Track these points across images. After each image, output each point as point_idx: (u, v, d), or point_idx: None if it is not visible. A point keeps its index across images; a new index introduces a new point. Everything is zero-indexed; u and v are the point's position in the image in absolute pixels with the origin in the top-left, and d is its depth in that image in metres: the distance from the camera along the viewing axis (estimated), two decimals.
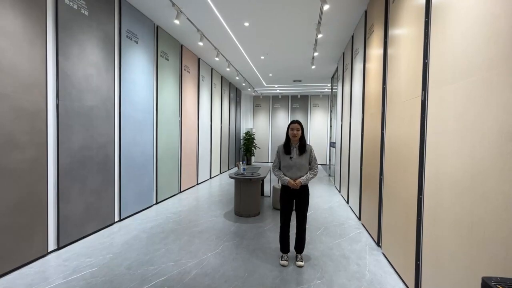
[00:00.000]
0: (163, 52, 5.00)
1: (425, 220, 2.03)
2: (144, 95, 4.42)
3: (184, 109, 5.92)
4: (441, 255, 1.79)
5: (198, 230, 3.61)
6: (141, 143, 4.37)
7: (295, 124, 2.72)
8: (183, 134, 5.92)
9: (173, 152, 5.50)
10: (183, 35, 5.31)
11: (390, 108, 2.86)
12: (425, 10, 2.10)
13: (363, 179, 4.03)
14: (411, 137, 2.29)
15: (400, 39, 2.62)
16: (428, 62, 2.05)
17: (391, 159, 2.79)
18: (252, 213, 4.25)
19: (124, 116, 3.92)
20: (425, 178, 2.05)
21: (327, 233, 3.61)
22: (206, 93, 7.36)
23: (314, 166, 2.71)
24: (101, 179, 3.50)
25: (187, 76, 6.10)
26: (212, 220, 4.03)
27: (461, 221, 1.57)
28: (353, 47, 4.94)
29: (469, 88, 1.52)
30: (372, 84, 3.60)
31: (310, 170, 2.71)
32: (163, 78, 5.02)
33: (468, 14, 1.54)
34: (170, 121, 5.32)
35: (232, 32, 5.17)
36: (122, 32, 3.85)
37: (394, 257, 2.64)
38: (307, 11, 4.21)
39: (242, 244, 3.17)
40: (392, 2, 2.87)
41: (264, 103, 12.76)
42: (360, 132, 4.14)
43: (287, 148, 2.75)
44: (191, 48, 6.09)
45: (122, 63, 3.85)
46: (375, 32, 3.51)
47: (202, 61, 6.92)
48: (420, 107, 2.13)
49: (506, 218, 1.24)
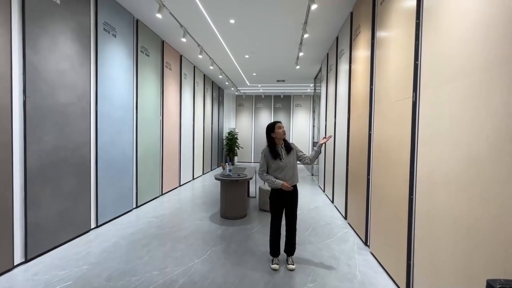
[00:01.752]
0: (144, 48, 4.74)
1: (417, 220, 2.05)
2: (123, 92, 4.15)
3: (165, 107, 5.68)
4: (436, 255, 1.80)
5: (183, 235, 3.44)
6: (120, 143, 4.10)
7: (280, 123, 2.71)
8: (165, 134, 5.67)
9: (154, 153, 5.25)
10: (165, 31, 5.08)
11: (378, 109, 2.88)
12: (416, 12, 2.11)
13: (349, 179, 4.07)
14: (401, 137, 2.31)
15: (389, 41, 2.65)
16: (419, 63, 2.07)
17: (380, 160, 2.81)
18: (238, 215, 4.14)
19: (101, 114, 3.65)
20: (417, 179, 2.07)
21: (315, 233, 3.60)
22: (189, 91, 7.13)
23: (304, 154, 2.78)
24: (76, 182, 3.23)
25: (169, 73, 5.85)
26: (197, 224, 3.87)
27: (458, 221, 1.59)
28: (338, 48, 4.99)
29: (466, 89, 1.53)
30: (358, 85, 3.64)
31: (307, 156, 2.74)
32: (143, 75, 4.76)
33: (465, 15, 1.55)
34: (151, 120, 5.07)
35: (216, 29, 5.02)
36: (99, 25, 3.58)
37: (384, 257, 2.67)
38: (294, 10, 4.17)
39: (230, 248, 3.06)
40: (380, 4, 2.89)
41: (247, 103, 12.67)
42: (346, 132, 4.18)
43: (274, 150, 2.66)
44: (173, 45, 5.86)
45: (98, 57, 3.58)
46: (361, 33, 3.54)
47: (184, 58, 6.68)
48: (411, 108, 2.15)
49: (506, 219, 1.25)
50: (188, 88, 7.09)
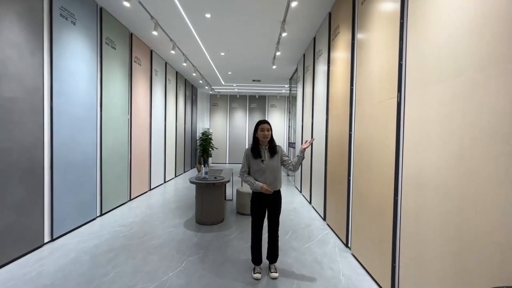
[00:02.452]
0: (109, 40, 4.31)
1: (403, 222, 2.02)
2: (84, 88, 3.71)
3: (134, 105, 5.24)
4: (423, 258, 1.77)
5: (155, 244, 3.14)
6: (82, 144, 3.66)
7: (265, 124, 2.52)
8: (134, 134, 5.24)
9: (122, 154, 4.81)
10: (133, 22, 4.68)
11: (360, 110, 2.86)
12: (400, 12, 2.09)
13: (328, 180, 4.05)
14: (385, 138, 2.29)
15: (371, 41, 2.63)
16: (404, 63, 2.05)
17: (362, 160, 2.79)
18: (215, 221, 3.92)
19: (57, 111, 3.20)
20: (403, 179, 2.04)
21: (296, 236, 3.51)
22: (160, 89, 6.71)
23: (290, 159, 2.62)
24: (25, 190, 2.78)
25: (138, 69, 5.42)
26: (170, 231, 3.58)
27: (447, 223, 1.56)
28: (315, 48, 4.99)
29: (456, 89, 1.50)
30: (338, 85, 3.62)
31: (291, 162, 2.58)
32: (109, 69, 4.33)
33: (456, 14, 1.52)
34: (117, 118, 4.63)
35: (191, 23, 4.74)
36: (54, 9, 3.14)
37: (367, 259, 2.64)
38: (273, 7, 4.06)
39: (208, 258, 2.84)
40: (361, 4, 2.88)
41: (221, 102, 12.38)
42: (324, 133, 4.16)
43: (256, 151, 2.51)
44: (143, 38, 5.44)
45: (54, 46, 3.14)
46: (341, 34, 3.53)
47: (155, 53, 6.27)
48: (396, 108, 2.13)
49: (500, 220, 1.22)
50: (159, 86, 6.67)
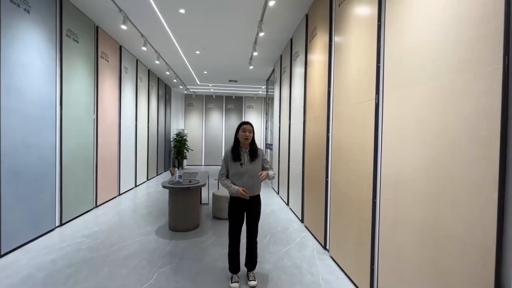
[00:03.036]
0: (71, 32, 3.93)
1: (382, 224, 2.02)
2: (40, 84, 3.33)
3: (101, 104, 4.85)
4: (402, 260, 1.77)
5: (123, 256, 2.88)
6: (38, 147, 3.27)
7: (247, 125, 2.39)
8: (100, 135, 4.84)
9: (86, 157, 4.41)
10: (99, 14, 4.32)
11: (338, 111, 2.86)
12: (377, 14, 2.10)
13: (305, 181, 4.03)
14: (364, 139, 2.28)
15: (349, 43, 2.63)
16: (381, 65, 2.06)
17: (340, 162, 2.78)
18: (190, 227, 3.72)
19: (6, 109, 2.82)
20: (381, 182, 2.04)
21: (274, 240, 3.43)
22: (130, 87, 6.31)
23: (268, 166, 2.48)
24: None
25: (105, 65, 5.03)
26: (141, 240, 3.32)
27: (426, 226, 1.56)
28: (292, 49, 4.98)
29: (434, 91, 1.51)
30: (315, 87, 3.62)
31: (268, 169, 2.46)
32: (71, 65, 3.94)
33: (434, 17, 1.53)
34: (81, 118, 4.24)
35: (164, 19, 4.49)
36: None
37: (345, 261, 2.63)
38: (251, 5, 3.97)
39: (182, 268, 2.66)
40: (338, 6, 2.88)
41: (197, 103, 12.04)
42: (302, 135, 4.15)
43: (236, 153, 2.39)
44: (111, 32, 5.06)
45: (2, 36, 2.77)
46: (318, 35, 3.53)
47: (125, 49, 5.88)
48: (374, 110, 2.13)
49: (480, 224, 1.22)
50: (130, 84, 6.27)
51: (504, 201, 1.14)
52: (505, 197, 1.14)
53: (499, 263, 1.14)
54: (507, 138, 1.13)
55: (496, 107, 1.15)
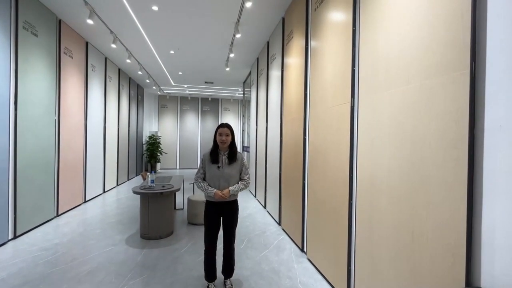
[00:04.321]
0: (28, 24, 3.58)
1: (358, 225, 2.04)
2: None
3: (64, 104, 4.48)
4: (378, 261, 1.80)
5: (87, 270, 2.64)
6: None
7: (224, 128, 2.29)
8: (63, 137, 4.46)
9: (46, 162, 4.03)
10: (62, 6, 4.00)
11: (314, 114, 2.88)
12: (352, 19, 2.14)
13: (283, 184, 4.03)
14: (339, 142, 2.31)
15: (325, 46, 2.67)
16: (357, 69, 2.10)
17: (317, 164, 2.80)
18: (163, 234, 3.53)
19: None
20: (357, 183, 2.07)
21: (251, 245, 3.36)
22: (98, 87, 5.92)
23: (245, 177, 2.35)
24: None
25: (69, 62, 4.67)
26: (109, 251, 3.08)
27: (400, 226, 1.59)
28: (269, 52, 4.99)
29: (407, 95, 1.55)
30: (292, 90, 3.64)
31: (241, 180, 2.35)
32: (27, 60, 3.59)
33: (405, 23, 1.58)
34: (40, 119, 3.87)
35: (135, 15, 4.27)
36: None
37: (322, 263, 2.64)
38: (227, 6, 3.90)
39: (155, 279, 2.49)
40: (314, 10, 2.92)
41: (171, 104, 11.66)
42: (279, 137, 4.15)
43: (214, 155, 2.30)
44: (76, 27, 4.71)
45: None
46: (294, 39, 3.56)
47: (92, 46, 5.51)
48: (349, 113, 2.16)
49: (451, 224, 1.26)
50: (98, 83, 5.88)
51: (472, 201, 1.18)
52: (473, 197, 1.18)
53: (469, 261, 1.17)
54: (474, 140, 1.18)
55: (464, 110, 1.19)
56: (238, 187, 2.27)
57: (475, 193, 1.18)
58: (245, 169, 2.36)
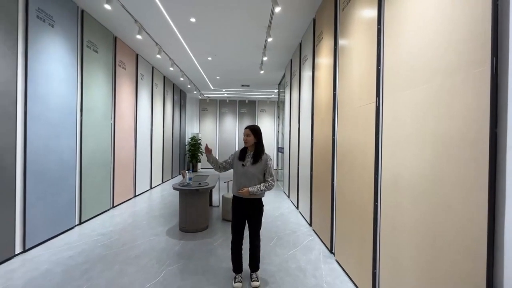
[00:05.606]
0: (91, 43, 4.21)
1: (382, 228, 2.00)
2: (62, 92, 3.59)
3: (118, 110, 5.13)
4: (401, 264, 1.75)
5: (134, 254, 3.02)
6: (58, 150, 3.52)
7: (246, 129, 2.48)
8: (117, 139, 5.10)
9: (104, 160, 4.66)
10: (117, 25, 4.60)
11: (342, 114, 2.86)
12: (377, 17, 2.11)
13: (313, 185, 4.03)
14: (366, 143, 2.28)
15: (352, 46, 2.64)
16: (381, 68, 2.06)
17: (345, 165, 2.78)
18: (199, 228, 3.82)
19: (32, 116, 3.07)
20: (381, 185, 2.03)
21: (280, 243, 3.45)
22: (146, 93, 6.60)
23: (269, 179, 2.43)
24: None
25: (123, 73, 5.32)
26: (152, 240, 3.46)
27: (421, 228, 1.54)
28: (301, 54, 5.02)
29: (428, 94, 1.50)
30: (322, 90, 3.63)
31: (264, 182, 2.45)
32: (90, 73, 4.22)
33: (426, 20, 1.53)
34: (99, 124, 4.50)
35: (176, 28, 4.69)
36: (31, 11, 3.04)
37: (349, 265, 2.61)
38: (258, 12, 4.07)
39: (189, 267, 2.75)
40: (342, 10, 2.90)
41: (211, 107, 12.31)
42: (310, 138, 4.16)
43: (242, 153, 2.49)
44: (128, 42, 5.35)
45: (29, 49, 3.03)
46: (324, 39, 3.55)
47: (141, 57, 6.18)
48: (374, 113, 2.12)
49: (471, 227, 1.20)
50: (146, 90, 6.56)
51: (494, 204, 1.12)
52: (495, 199, 1.12)
53: (490, 266, 1.11)
54: (497, 139, 1.12)
55: (485, 108, 1.14)
56: (259, 188, 2.36)
57: (497, 195, 1.11)
58: (268, 171, 2.44)
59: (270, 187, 2.40)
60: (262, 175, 2.44)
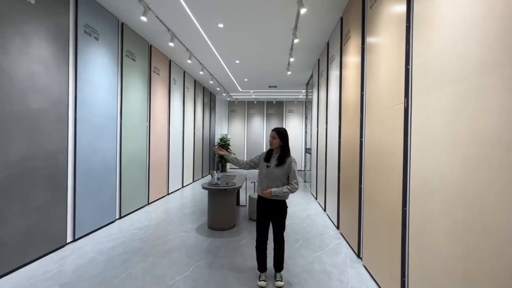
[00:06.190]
0: (129, 52, 4.58)
1: (412, 233, 1.91)
2: (105, 98, 3.97)
3: (153, 113, 5.49)
4: (432, 274, 1.67)
5: (167, 249, 3.23)
6: (102, 151, 3.89)
7: (272, 132, 2.54)
8: (152, 141, 5.47)
9: (140, 160, 5.04)
10: (152, 35, 4.94)
11: (370, 115, 2.78)
12: (406, 15, 2.03)
13: (341, 187, 3.94)
14: (394, 145, 2.20)
15: (380, 45, 2.56)
16: (410, 68, 1.97)
17: (372, 167, 2.70)
18: (226, 226, 3.95)
19: (80, 120, 3.45)
20: (410, 189, 1.94)
21: (306, 245, 3.44)
22: (178, 97, 6.96)
23: (292, 182, 2.44)
24: (49, 194, 3.00)
25: (157, 78, 5.69)
26: (182, 236, 3.67)
27: (454, 238, 1.46)
28: (328, 53, 4.93)
29: (461, 94, 1.42)
30: (349, 90, 3.55)
31: (288, 184, 2.46)
32: (129, 80, 4.59)
33: (458, 17, 1.45)
34: (136, 126, 4.87)
35: (205, 34, 4.90)
36: (79, 27, 3.41)
37: (377, 271, 2.52)
38: (284, 14, 4.09)
39: (216, 264, 2.87)
40: (370, 8, 2.82)
41: (239, 109, 12.55)
42: (337, 139, 4.07)
43: (267, 155, 2.56)
44: (161, 49, 5.71)
45: (78, 61, 3.40)
46: (351, 38, 3.47)
47: (173, 63, 6.54)
48: (403, 114, 2.04)
49: (510, 239, 1.12)
50: (178, 94, 6.93)
51: None
52: None
53: None
54: None
55: None
56: (282, 190, 2.39)
57: None
58: (292, 174, 2.45)
59: (293, 189, 2.42)
60: (286, 177, 2.46)
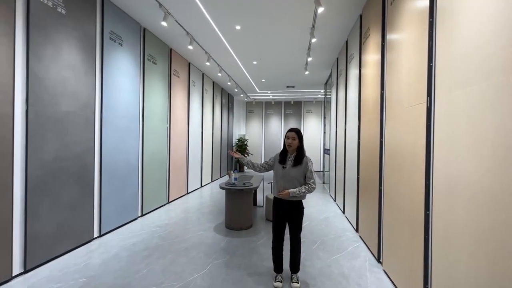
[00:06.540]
0: (151, 56, 4.76)
1: (435, 238, 1.83)
2: (128, 101, 4.15)
3: (173, 115, 5.67)
4: (458, 282, 1.58)
5: (185, 247, 3.32)
6: (125, 152, 4.08)
7: (291, 132, 2.48)
8: (172, 141, 5.65)
9: (161, 160, 5.21)
10: (172, 38, 5.10)
11: (390, 115, 2.69)
12: (429, 10, 1.94)
13: (360, 189, 3.83)
14: (415, 145, 2.11)
15: (400, 42, 2.47)
16: (433, 65, 1.89)
17: (392, 169, 2.60)
18: (244, 226, 3.99)
19: (106, 123, 3.64)
20: (433, 191, 1.86)
21: (324, 247, 3.38)
22: (197, 98, 7.12)
23: (310, 181, 2.42)
24: (77, 192, 3.20)
25: (177, 81, 5.86)
26: (200, 235, 3.75)
27: (479, 245, 1.37)
28: (347, 52, 4.82)
29: (486, 92, 1.34)
30: (369, 90, 3.45)
31: (305, 184, 2.45)
32: (150, 83, 4.77)
33: (484, 12, 1.37)
34: (157, 127, 5.05)
35: (223, 36, 4.98)
36: (105, 34, 3.61)
37: (398, 277, 2.43)
38: (301, 14, 4.06)
39: (233, 263, 2.91)
40: (390, 4, 2.73)
41: (257, 109, 12.60)
42: (357, 139, 3.97)
43: (283, 156, 2.53)
44: (181, 52, 5.88)
45: (104, 66, 3.60)
46: (371, 36, 3.37)
47: (192, 65, 6.70)
48: (425, 113, 1.96)
49: None
50: (197, 96, 7.09)
51: None
52: None
53: None
54: None
55: None
56: (299, 190, 2.37)
57: None
58: (309, 174, 2.43)
59: (311, 189, 2.39)
60: (303, 177, 2.44)
